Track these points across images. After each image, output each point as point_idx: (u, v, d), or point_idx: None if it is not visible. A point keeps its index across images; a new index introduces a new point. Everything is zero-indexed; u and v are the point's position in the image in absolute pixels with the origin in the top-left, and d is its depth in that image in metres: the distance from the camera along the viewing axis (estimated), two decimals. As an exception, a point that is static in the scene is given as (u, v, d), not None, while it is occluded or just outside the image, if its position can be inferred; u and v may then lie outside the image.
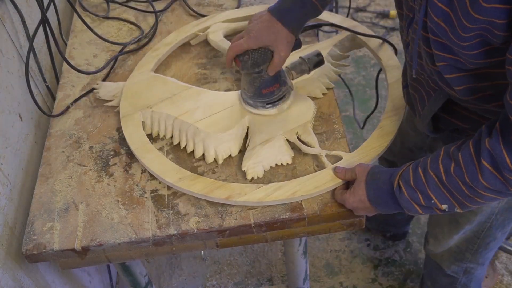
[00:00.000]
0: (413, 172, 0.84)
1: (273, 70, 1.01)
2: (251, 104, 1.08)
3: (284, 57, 1.00)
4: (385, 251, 1.80)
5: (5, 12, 1.09)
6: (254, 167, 0.99)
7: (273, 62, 1.00)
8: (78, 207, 0.98)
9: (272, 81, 1.04)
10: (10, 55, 1.10)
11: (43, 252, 0.92)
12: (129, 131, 1.07)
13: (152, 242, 0.93)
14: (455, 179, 0.78)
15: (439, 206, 0.82)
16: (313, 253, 1.80)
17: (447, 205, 0.82)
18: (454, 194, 0.80)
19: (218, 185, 0.96)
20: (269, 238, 0.98)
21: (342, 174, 0.95)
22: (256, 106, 1.07)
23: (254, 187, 0.95)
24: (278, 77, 1.04)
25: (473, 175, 0.76)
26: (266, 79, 1.03)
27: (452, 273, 1.34)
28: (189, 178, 0.98)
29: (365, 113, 2.20)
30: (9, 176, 1.02)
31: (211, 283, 1.75)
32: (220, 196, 0.94)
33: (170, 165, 1.00)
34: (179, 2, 1.45)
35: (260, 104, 1.07)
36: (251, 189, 0.95)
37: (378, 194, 0.88)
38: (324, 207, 0.94)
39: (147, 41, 1.33)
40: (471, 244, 1.21)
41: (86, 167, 1.05)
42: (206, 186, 0.96)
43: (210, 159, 1.02)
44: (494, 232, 1.16)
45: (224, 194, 0.94)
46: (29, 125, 1.14)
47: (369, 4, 2.76)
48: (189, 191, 0.96)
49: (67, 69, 1.26)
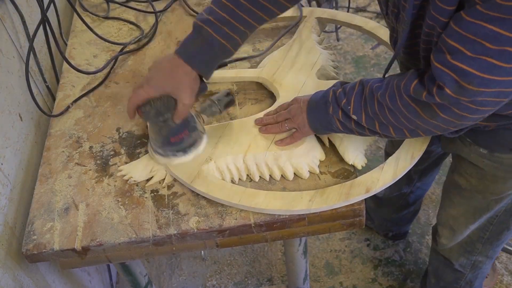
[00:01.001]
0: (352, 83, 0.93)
1: (178, 118, 0.94)
2: (161, 154, 1.00)
3: (188, 105, 0.94)
4: (385, 251, 1.80)
5: (5, 12, 1.09)
6: (357, 156, 0.99)
7: (177, 111, 0.94)
8: (78, 207, 0.98)
9: (180, 128, 0.97)
10: (10, 55, 1.10)
11: (43, 252, 0.92)
12: (212, 190, 0.96)
13: (152, 242, 0.93)
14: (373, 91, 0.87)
15: (351, 114, 0.90)
16: (313, 253, 1.80)
17: (356, 117, 0.90)
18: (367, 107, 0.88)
19: (349, 186, 0.94)
20: (269, 238, 0.98)
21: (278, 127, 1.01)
22: (167, 155, 1.00)
23: (378, 170, 0.96)
24: (186, 124, 0.98)
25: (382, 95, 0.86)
26: (173, 127, 0.96)
27: (459, 267, 1.33)
28: (317, 195, 0.93)
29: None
30: (9, 176, 1.02)
31: (211, 283, 1.75)
32: (360, 193, 0.92)
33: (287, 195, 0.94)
34: (179, 2, 1.45)
35: (170, 153, 1.00)
36: (377, 173, 0.95)
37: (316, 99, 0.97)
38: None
39: (147, 41, 1.33)
40: (482, 232, 1.21)
41: (86, 167, 1.05)
42: (340, 192, 0.93)
43: (306, 174, 0.98)
44: (508, 218, 1.16)
45: (363, 189, 0.93)
46: (29, 125, 1.14)
47: (369, 4, 2.76)
48: (327, 207, 0.92)
49: (67, 69, 1.26)
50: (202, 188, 0.96)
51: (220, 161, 1.00)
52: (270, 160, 0.99)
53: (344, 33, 2.62)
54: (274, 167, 0.99)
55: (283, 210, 0.92)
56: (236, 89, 1.18)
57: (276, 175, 0.99)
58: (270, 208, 0.92)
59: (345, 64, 2.46)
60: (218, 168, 1.00)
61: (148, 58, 1.27)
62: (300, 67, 1.16)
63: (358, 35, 2.61)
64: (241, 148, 1.01)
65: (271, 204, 0.92)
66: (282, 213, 0.92)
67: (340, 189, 0.93)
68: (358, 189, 0.93)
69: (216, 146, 1.02)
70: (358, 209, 0.94)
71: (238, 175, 1.00)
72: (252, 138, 1.03)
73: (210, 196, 0.95)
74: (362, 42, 2.57)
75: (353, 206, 0.94)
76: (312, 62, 1.17)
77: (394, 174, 0.95)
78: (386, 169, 0.96)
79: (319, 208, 0.91)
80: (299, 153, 0.99)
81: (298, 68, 1.16)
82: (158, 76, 0.93)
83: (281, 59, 1.19)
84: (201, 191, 0.96)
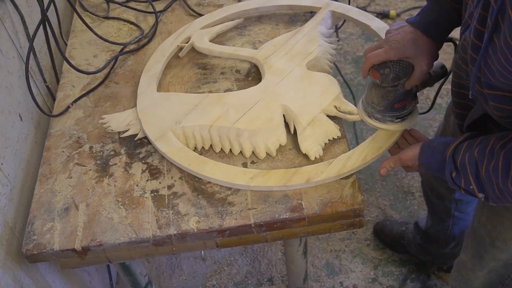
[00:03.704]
0: (462, 155, 0.85)
1: (411, 84, 0.95)
2: (378, 119, 1.02)
3: (426, 71, 0.94)
4: (385, 251, 1.80)
5: (5, 12, 1.09)
6: (313, 147, 1.01)
7: (413, 76, 0.94)
8: (78, 207, 0.98)
9: (405, 95, 0.98)
10: (10, 55, 1.10)
11: (43, 252, 0.92)
12: (171, 151, 1.03)
13: (152, 242, 0.93)
14: (491, 175, 0.79)
15: (476, 194, 0.84)
16: (313, 253, 1.80)
17: (483, 195, 0.84)
18: (488, 189, 0.82)
19: (293, 172, 0.97)
20: (269, 238, 0.98)
21: None
22: (384, 121, 1.02)
23: (326, 164, 0.97)
24: (411, 91, 0.99)
25: (504, 179, 0.77)
26: (401, 93, 0.97)
27: None
28: (260, 175, 0.97)
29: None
30: (9, 176, 1.02)
31: (211, 283, 1.75)
32: (299, 182, 0.95)
33: (233, 168, 0.99)
34: (179, 2, 1.45)
35: (389, 119, 1.01)
36: (324, 166, 0.97)
37: (430, 160, 0.91)
38: (324, 207, 0.94)
39: (147, 41, 1.33)
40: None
41: (86, 167, 1.05)
42: (282, 177, 0.96)
43: (263, 154, 1.02)
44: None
45: (302, 179, 0.95)
46: (29, 125, 1.14)
47: (369, 4, 2.76)
48: (265, 187, 0.96)
49: (67, 69, 1.26)
50: (162, 148, 1.03)
51: (188, 127, 1.06)
52: (232, 135, 1.03)
53: (344, 33, 2.62)
54: (234, 142, 1.03)
55: (223, 181, 0.98)
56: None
57: (235, 150, 1.03)
58: (213, 178, 0.98)
59: (345, 64, 2.45)
60: (184, 133, 1.06)
61: (148, 58, 1.26)
62: (294, 55, 1.18)
63: (358, 35, 2.61)
64: (210, 118, 1.06)
65: (216, 174, 0.98)
66: (223, 184, 0.98)
67: (283, 174, 0.97)
68: (299, 177, 0.96)
69: (189, 113, 1.08)
70: (358, 209, 0.94)
71: (202, 143, 1.05)
72: (223, 111, 1.07)
73: (168, 157, 1.02)
74: (362, 42, 2.57)
75: (353, 207, 0.94)
76: (307, 52, 1.18)
77: (339, 171, 0.97)
78: (334, 165, 0.98)
79: (257, 186, 0.96)
80: (261, 134, 1.03)
81: (292, 55, 1.18)
82: (400, 39, 0.93)
83: (281, 44, 1.21)
84: (162, 150, 1.03)
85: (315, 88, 1.10)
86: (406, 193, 1.94)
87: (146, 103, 1.14)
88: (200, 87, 1.19)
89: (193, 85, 1.20)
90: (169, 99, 1.14)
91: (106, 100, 1.19)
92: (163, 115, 1.10)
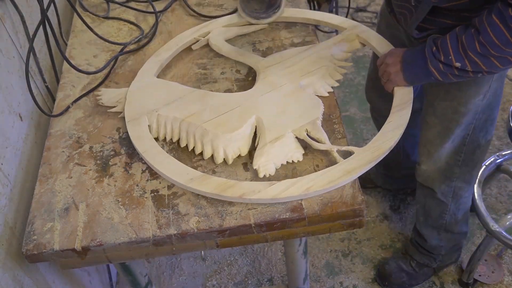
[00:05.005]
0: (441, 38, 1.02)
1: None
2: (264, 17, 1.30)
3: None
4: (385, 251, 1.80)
5: (5, 12, 1.09)
6: (266, 165, 0.99)
7: None
8: (78, 207, 0.98)
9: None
10: (10, 55, 1.10)
11: (43, 252, 0.92)
12: (136, 135, 1.07)
13: (152, 242, 0.93)
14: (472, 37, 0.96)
15: (454, 63, 0.99)
16: (313, 253, 1.80)
17: (460, 64, 0.99)
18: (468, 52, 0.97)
19: (231, 184, 0.96)
20: (269, 238, 0.98)
21: None
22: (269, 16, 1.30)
23: (267, 185, 0.95)
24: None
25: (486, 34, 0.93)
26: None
27: (442, 196, 1.43)
28: (200, 179, 0.97)
29: (365, 113, 2.20)
30: (9, 176, 1.02)
31: (211, 283, 1.75)
32: (233, 195, 0.94)
33: (180, 166, 1.00)
34: (179, 2, 1.45)
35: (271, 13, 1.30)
36: (264, 186, 0.95)
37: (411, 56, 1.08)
38: (324, 207, 0.94)
39: (147, 41, 1.33)
40: (458, 155, 1.33)
41: (86, 167, 1.05)
42: (218, 185, 0.96)
43: (220, 159, 1.02)
44: (477, 135, 1.29)
45: (237, 193, 0.94)
46: (29, 125, 1.14)
47: (369, 4, 2.76)
48: (201, 191, 0.96)
49: (67, 69, 1.26)
50: (130, 132, 1.07)
51: (163, 116, 1.09)
52: (198, 134, 1.05)
53: (344, 33, 2.62)
54: (198, 142, 1.05)
55: (166, 175, 0.99)
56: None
57: (198, 148, 1.05)
58: (159, 170, 1.00)
59: (345, 64, 2.46)
60: (158, 121, 1.09)
61: (148, 58, 1.26)
62: (294, 70, 1.17)
63: (358, 35, 2.61)
64: (185, 113, 1.09)
65: (164, 168, 1.00)
66: (166, 178, 1.00)
67: (222, 183, 0.96)
68: (234, 190, 0.95)
69: (170, 103, 1.12)
70: (358, 209, 0.94)
71: (171, 135, 1.08)
72: (200, 109, 1.09)
73: (134, 142, 1.06)
74: (362, 42, 2.57)
75: (353, 207, 0.94)
76: (308, 70, 1.17)
77: (275, 195, 0.94)
78: (274, 188, 0.95)
79: (193, 189, 0.97)
80: (223, 139, 1.03)
81: (292, 70, 1.17)
82: None
83: (288, 57, 1.21)
84: (130, 134, 1.07)
85: (296, 107, 1.09)
86: (406, 193, 1.94)
87: (139, 85, 1.18)
88: (200, 87, 1.19)
89: (193, 85, 1.20)
90: (160, 86, 1.17)
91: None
92: (146, 100, 1.14)
